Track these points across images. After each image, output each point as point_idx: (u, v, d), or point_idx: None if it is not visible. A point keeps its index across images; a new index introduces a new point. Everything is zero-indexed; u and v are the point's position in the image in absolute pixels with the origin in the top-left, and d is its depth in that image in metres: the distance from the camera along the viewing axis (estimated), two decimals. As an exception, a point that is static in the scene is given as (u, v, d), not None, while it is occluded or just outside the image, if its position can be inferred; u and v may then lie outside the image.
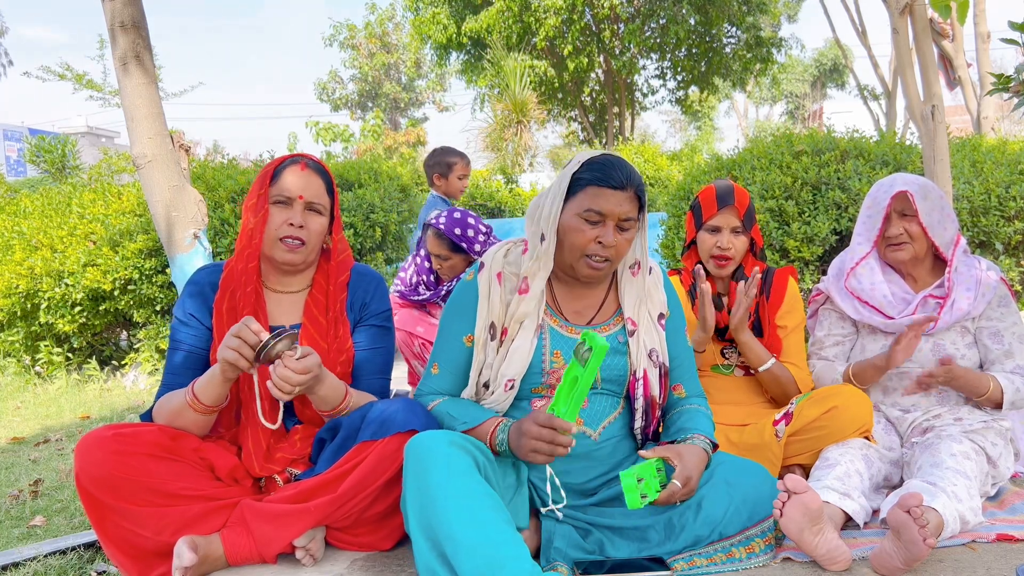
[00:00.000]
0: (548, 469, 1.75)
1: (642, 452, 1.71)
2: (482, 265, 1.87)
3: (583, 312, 1.88)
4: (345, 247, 2.03)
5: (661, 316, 1.91)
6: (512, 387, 1.79)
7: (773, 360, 2.29)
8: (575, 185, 1.75)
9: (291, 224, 1.87)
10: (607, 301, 1.90)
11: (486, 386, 1.84)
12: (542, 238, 1.79)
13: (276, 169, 1.92)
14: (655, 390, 1.86)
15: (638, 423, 1.87)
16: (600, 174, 1.72)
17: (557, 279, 1.89)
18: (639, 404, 1.85)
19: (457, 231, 3.02)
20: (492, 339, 1.82)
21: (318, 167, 1.95)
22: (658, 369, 1.87)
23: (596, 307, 1.89)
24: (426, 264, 3.22)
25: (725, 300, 2.41)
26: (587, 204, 1.72)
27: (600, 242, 1.72)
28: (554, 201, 1.77)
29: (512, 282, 1.84)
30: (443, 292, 3.20)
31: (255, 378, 1.79)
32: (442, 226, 3.02)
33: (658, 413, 1.91)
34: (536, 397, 1.84)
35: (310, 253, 1.93)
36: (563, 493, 1.75)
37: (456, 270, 3.12)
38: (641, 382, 1.84)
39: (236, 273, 1.91)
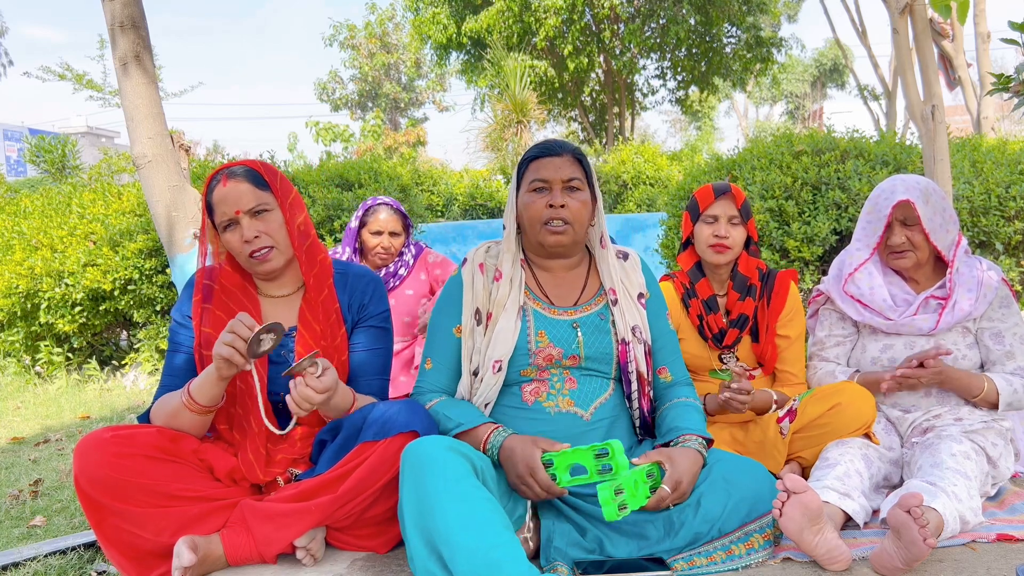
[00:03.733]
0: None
1: (634, 460, 1.72)
2: (465, 260, 1.97)
3: (566, 296, 1.96)
4: (321, 248, 1.98)
5: (641, 296, 1.98)
6: (500, 369, 1.85)
7: (774, 407, 2.24)
8: (522, 169, 1.92)
9: (247, 242, 1.84)
10: (588, 284, 1.98)
11: (475, 374, 1.89)
12: (504, 228, 1.95)
13: (208, 197, 1.88)
14: (642, 365, 1.93)
15: (633, 388, 1.91)
16: (537, 149, 1.90)
17: (537, 266, 1.98)
18: (631, 368, 1.91)
19: (403, 207, 3.28)
20: (478, 324, 1.91)
21: (241, 171, 1.87)
22: (642, 346, 1.93)
23: (578, 290, 1.97)
24: (356, 258, 3.27)
25: (722, 301, 2.40)
26: (531, 176, 1.88)
27: (551, 205, 1.83)
28: (511, 192, 1.94)
29: (492, 272, 1.95)
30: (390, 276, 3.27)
31: (254, 377, 1.79)
32: (392, 203, 3.24)
33: (648, 390, 1.94)
34: (526, 382, 1.89)
35: (284, 251, 1.90)
36: (530, 516, 1.77)
37: (395, 252, 3.25)
38: (631, 350, 1.90)
39: (227, 285, 1.92)
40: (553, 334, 1.89)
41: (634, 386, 1.92)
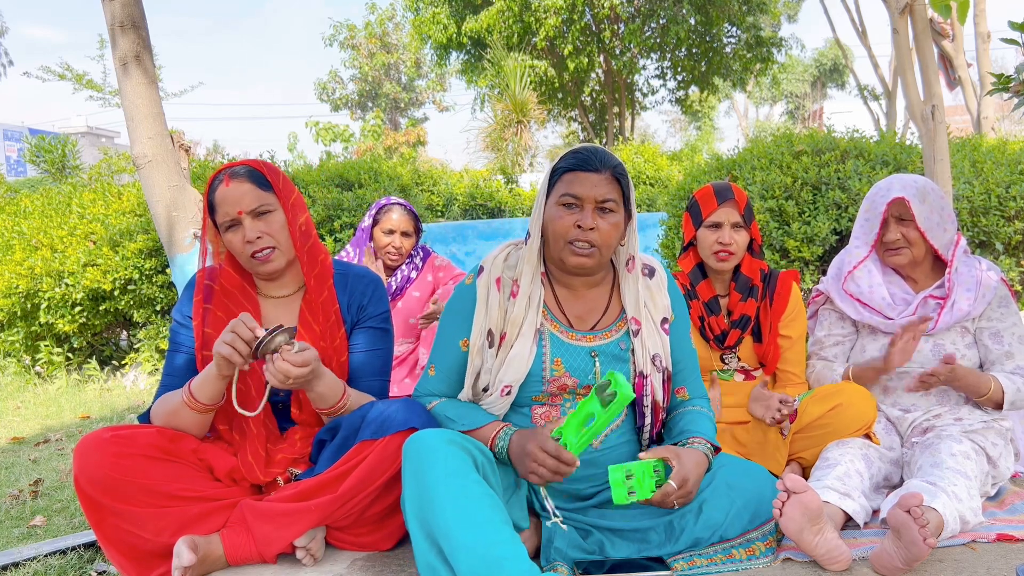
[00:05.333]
0: (543, 489, 1.76)
1: (641, 454, 1.68)
2: (481, 269, 1.85)
3: (586, 317, 1.84)
4: (322, 249, 1.98)
5: (664, 321, 1.86)
6: (509, 393, 1.77)
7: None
8: (554, 177, 1.76)
9: (249, 242, 1.83)
10: (610, 305, 1.86)
11: (484, 390, 1.83)
12: (528, 237, 1.80)
13: (209, 196, 1.87)
14: (658, 394, 1.84)
15: (647, 421, 1.84)
16: (575, 160, 1.73)
17: (557, 282, 1.85)
18: (647, 402, 1.83)
19: (415, 210, 3.28)
20: (490, 346, 1.79)
21: (243, 171, 1.86)
22: (661, 374, 1.84)
23: (600, 311, 1.85)
24: (370, 255, 3.29)
25: (723, 302, 2.40)
26: (563, 190, 1.72)
27: (579, 226, 1.69)
28: (539, 198, 1.78)
29: (509, 287, 1.81)
30: (393, 287, 3.27)
31: (245, 371, 1.78)
32: (406, 204, 3.25)
33: (661, 416, 1.89)
34: (538, 405, 1.83)
35: (286, 252, 1.89)
36: (552, 506, 1.74)
37: (406, 253, 3.27)
38: (648, 383, 1.82)
39: (227, 286, 1.92)
40: (569, 363, 1.78)
41: (648, 419, 1.84)
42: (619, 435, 1.84)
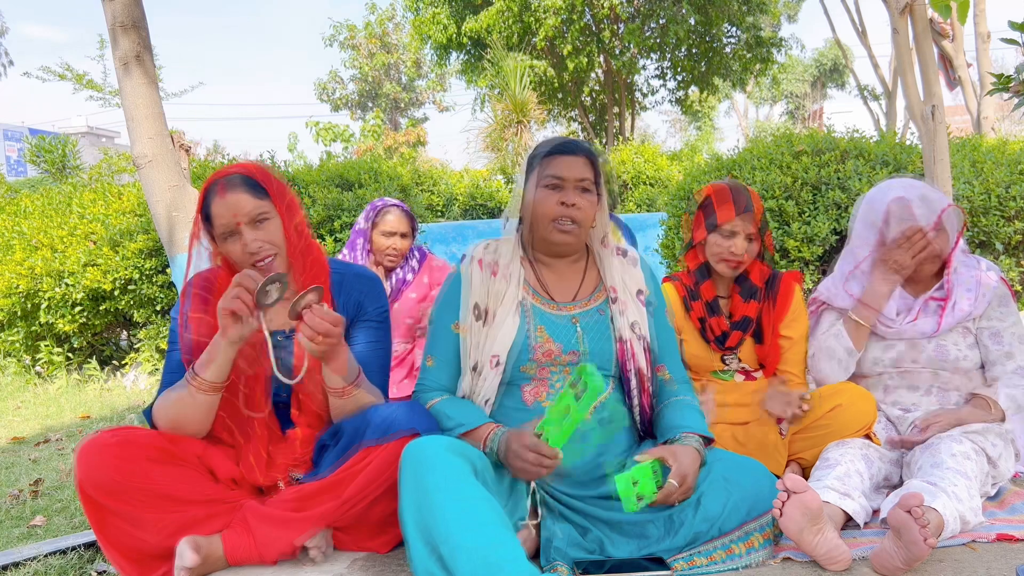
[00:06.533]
0: (532, 484, 1.77)
1: (637, 456, 1.72)
2: (465, 256, 1.97)
3: (565, 290, 1.97)
4: (315, 247, 1.98)
5: (640, 292, 1.99)
6: (498, 363, 1.84)
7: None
8: (534, 164, 1.91)
9: (251, 253, 1.83)
10: (586, 279, 1.99)
11: (475, 369, 1.88)
12: (507, 221, 1.97)
13: (204, 207, 1.86)
14: (641, 362, 1.92)
15: (632, 385, 1.91)
16: (553, 146, 1.90)
17: (538, 262, 1.98)
18: (630, 367, 1.90)
19: (410, 211, 3.32)
20: (478, 319, 1.89)
21: (237, 180, 1.85)
22: (641, 342, 1.93)
23: (577, 284, 1.98)
24: (369, 257, 3.30)
25: (724, 303, 2.40)
26: (546, 172, 1.87)
27: (563, 203, 1.84)
28: (520, 184, 1.92)
29: (491, 268, 1.94)
30: (390, 289, 3.29)
31: (265, 332, 1.76)
32: (402, 205, 3.30)
33: (648, 387, 1.94)
34: (526, 381, 1.89)
35: (285, 255, 1.90)
36: (541, 512, 1.76)
37: (403, 254, 3.29)
38: (629, 348, 1.90)
39: (223, 289, 1.91)
40: (553, 330, 1.89)
41: (633, 383, 1.92)
42: (609, 407, 1.90)
